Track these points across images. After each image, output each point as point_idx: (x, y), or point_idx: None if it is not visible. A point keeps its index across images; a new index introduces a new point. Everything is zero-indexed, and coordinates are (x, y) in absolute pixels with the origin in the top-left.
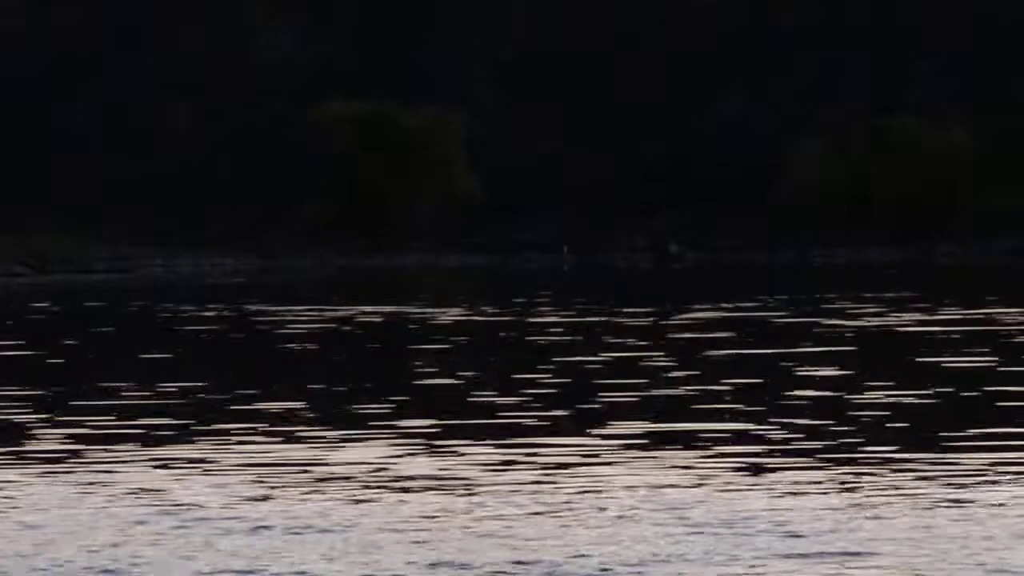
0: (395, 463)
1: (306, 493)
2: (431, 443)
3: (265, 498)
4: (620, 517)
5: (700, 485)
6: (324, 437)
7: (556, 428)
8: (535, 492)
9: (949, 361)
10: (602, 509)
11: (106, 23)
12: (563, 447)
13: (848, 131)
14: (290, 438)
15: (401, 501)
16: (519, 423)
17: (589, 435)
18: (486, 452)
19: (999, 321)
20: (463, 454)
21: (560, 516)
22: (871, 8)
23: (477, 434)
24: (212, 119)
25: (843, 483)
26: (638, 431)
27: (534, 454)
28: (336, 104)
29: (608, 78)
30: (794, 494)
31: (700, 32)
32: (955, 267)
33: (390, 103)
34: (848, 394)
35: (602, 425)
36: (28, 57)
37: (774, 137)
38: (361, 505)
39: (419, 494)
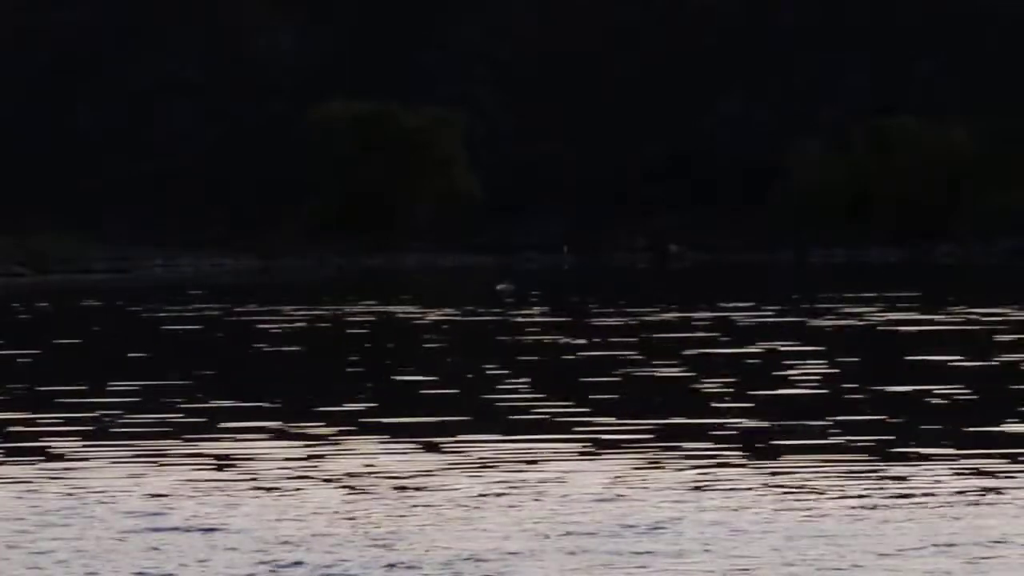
0: (361, 461)
1: (240, 491)
2: (400, 441)
3: (189, 497)
4: (533, 512)
5: (643, 483)
6: (292, 435)
7: (529, 427)
8: (455, 490)
9: (934, 361)
10: (514, 506)
11: (106, 23)
12: (526, 445)
13: (848, 131)
14: (255, 436)
15: (327, 499)
16: (497, 422)
17: (559, 434)
18: (449, 450)
19: (993, 321)
20: (419, 451)
21: (464, 514)
22: (871, 8)
23: (448, 433)
24: (212, 119)
25: (778, 482)
26: (609, 429)
27: (502, 452)
28: (336, 104)
29: (608, 78)
30: (729, 494)
31: (700, 32)
32: (955, 267)
33: (390, 103)
34: (827, 393)
35: (575, 424)
36: (28, 57)
37: (774, 137)
38: (277, 503)
39: (352, 492)
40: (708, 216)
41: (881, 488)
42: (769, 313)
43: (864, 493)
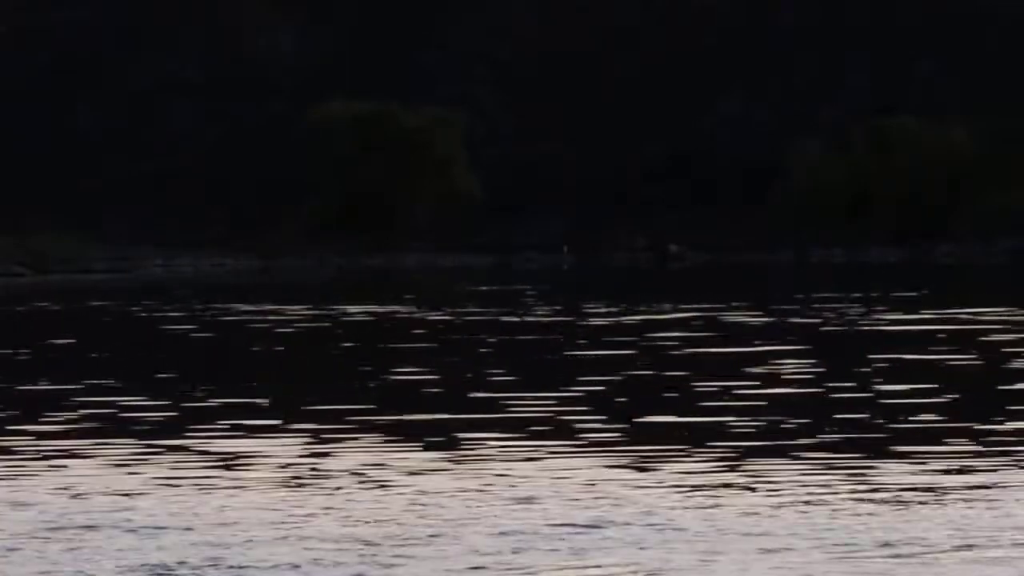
0: (317, 460)
1: (207, 489)
2: (372, 440)
3: (141, 494)
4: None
5: (626, 482)
6: (279, 434)
7: (519, 426)
8: (428, 487)
9: (930, 360)
10: (485, 504)
11: (106, 23)
12: (514, 444)
13: (848, 131)
14: (242, 435)
15: (269, 498)
16: (486, 420)
17: (549, 433)
18: (430, 448)
19: (989, 321)
20: (403, 450)
21: (428, 511)
22: (871, 8)
23: (433, 431)
24: (212, 119)
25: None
26: (598, 428)
27: (486, 451)
28: (336, 104)
29: (608, 78)
30: (706, 494)
31: (700, 32)
32: (955, 267)
33: (390, 103)
34: (818, 393)
35: (565, 423)
36: (28, 57)
37: (774, 137)
38: (235, 502)
39: (330, 491)
40: (708, 216)
41: (866, 488)
42: (767, 313)
43: (847, 493)
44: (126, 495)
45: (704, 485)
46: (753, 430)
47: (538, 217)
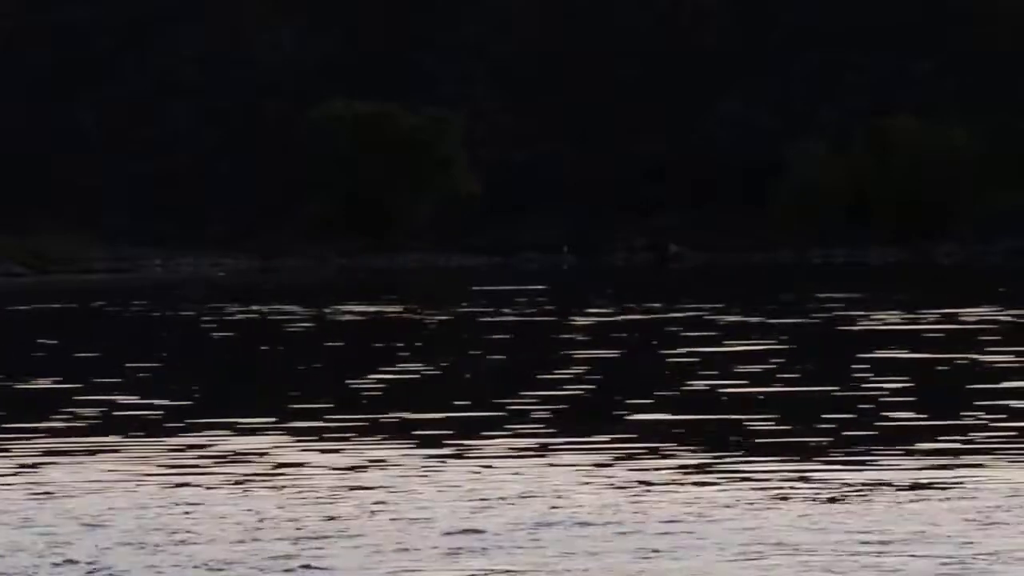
0: (289, 457)
1: (144, 487)
2: (364, 439)
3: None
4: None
5: (607, 481)
6: (260, 433)
7: (504, 424)
8: (398, 486)
9: (921, 360)
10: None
11: (106, 23)
12: (498, 442)
13: (848, 131)
14: (222, 434)
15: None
16: (470, 420)
17: (535, 432)
18: (389, 450)
19: (985, 320)
20: (389, 452)
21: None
22: (871, 8)
23: (416, 431)
24: (212, 119)
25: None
26: (583, 427)
27: (465, 449)
28: (336, 104)
29: (608, 78)
30: (684, 492)
31: (700, 32)
32: (955, 267)
33: (390, 103)
34: (805, 393)
35: (551, 421)
36: (28, 57)
37: (774, 137)
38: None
39: (258, 490)
40: (708, 216)
41: (855, 487)
42: (765, 313)
43: (838, 492)
44: (118, 494)
45: (698, 484)
46: (748, 429)
47: (538, 217)
